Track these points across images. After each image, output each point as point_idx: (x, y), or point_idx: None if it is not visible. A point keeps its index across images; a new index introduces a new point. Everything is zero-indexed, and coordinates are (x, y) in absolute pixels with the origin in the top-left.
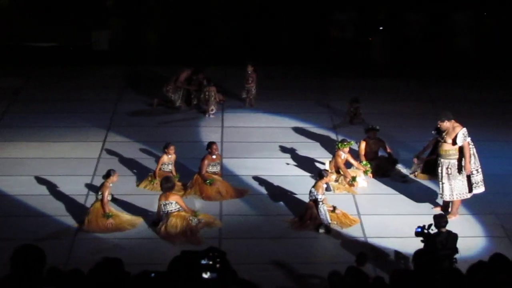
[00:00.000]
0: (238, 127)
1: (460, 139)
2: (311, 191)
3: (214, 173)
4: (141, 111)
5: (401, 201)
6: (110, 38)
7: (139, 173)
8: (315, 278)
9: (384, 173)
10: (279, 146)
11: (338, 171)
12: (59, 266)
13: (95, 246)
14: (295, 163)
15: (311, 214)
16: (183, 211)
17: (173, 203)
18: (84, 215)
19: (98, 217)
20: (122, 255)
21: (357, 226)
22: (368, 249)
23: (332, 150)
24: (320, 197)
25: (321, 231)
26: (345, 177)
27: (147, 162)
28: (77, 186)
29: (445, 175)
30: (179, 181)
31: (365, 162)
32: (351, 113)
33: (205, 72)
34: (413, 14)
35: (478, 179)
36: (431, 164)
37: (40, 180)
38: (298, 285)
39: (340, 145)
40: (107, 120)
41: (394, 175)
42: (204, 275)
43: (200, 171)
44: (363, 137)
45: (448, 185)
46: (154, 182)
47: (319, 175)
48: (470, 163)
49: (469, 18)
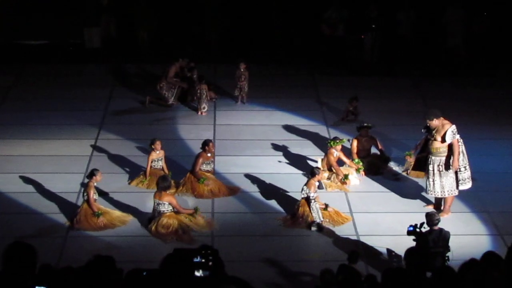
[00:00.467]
0: (230, 124)
1: (449, 136)
2: (303, 189)
3: (208, 171)
4: (133, 109)
5: (393, 199)
6: (102, 35)
7: (131, 171)
8: (307, 276)
9: (376, 171)
10: (271, 143)
11: (330, 169)
12: (51, 264)
13: (87, 244)
14: (287, 161)
15: (303, 212)
16: (175, 212)
17: (166, 204)
18: (74, 215)
19: (87, 216)
20: (114, 253)
21: (349, 224)
22: (360, 247)
23: (324, 148)
24: (312, 195)
25: (313, 229)
26: (338, 175)
27: (139, 160)
28: (69, 184)
29: (436, 172)
30: (171, 178)
31: (357, 160)
32: (349, 111)
33: (197, 69)
34: (404, 12)
35: (466, 176)
36: (422, 162)
37: (32, 178)
38: (290, 283)
39: (332, 143)
40: (99, 118)
41: (387, 173)
42: (196, 273)
43: (193, 168)
44: (355, 135)
45: (439, 182)
46: (144, 181)
47: (311, 173)
48: (458, 160)
49: (460, 16)
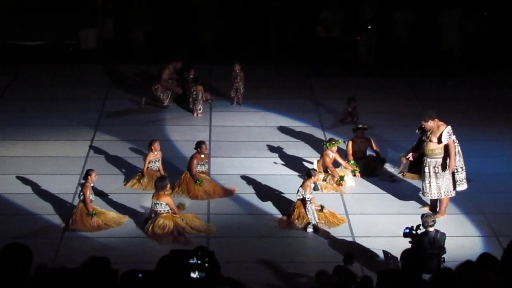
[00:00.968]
0: (226, 126)
1: (445, 137)
2: (299, 190)
3: (203, 172)
4: (129, 110)
5: (389, 200)
6: (98, 36)
7: (127, 171)
8: (302, 277)
9: (372, 172)
10: (266, 145)
11: (326, 171)
12: (47, 264)
13: (82, 245)
14: (283, 162)
15: (299, 213)
16: (172, 213)
17: (163, 204)
18: (69, 216)
19: (82, 216)
20: (110, 254)
21: (345, 225)
22: (356, 249)
23: (320, 149)
24: (308, 196)
25: (309, 230)
26: (333, 176)
27: (134, 161)
28: (64, 184)
29: (432, 174)
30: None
31: (353, 162)
32: (348, 112)
33: (193, 69)
34: (400, 14)
35: (462, 176)
36: (416, 164)
37: (27, 179)
38: (285, 284)
39: (328, 144)
40: (94, 119)
41: (382, 174)
42: (192, 275)
43: (190, 171)
44: (351, 137)
45: (435, 183)
46: (142, 180)
47: (307, 174)
48: (455, 160)
49: (456, 18)
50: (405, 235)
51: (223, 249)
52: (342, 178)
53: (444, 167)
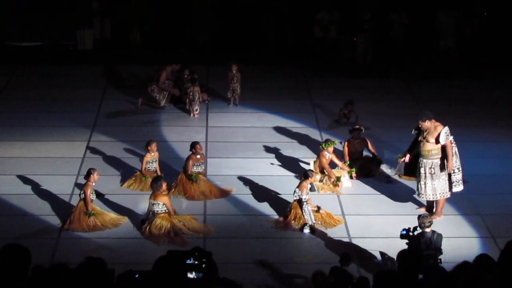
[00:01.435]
0: (222, 127)
1: (443, 137)
2: (295, 191)
3: (199, 173)
4: (126, 111)
5: (385, 201)
6: (95, 37)
7: (123, 172)
8: (299, 278)
9: (368, 173)
10: (263, 146)
11: (322, 171)
12: (44, 265)
13: (79, 245)
14: (279, 163)
15: (296, 214)
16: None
17: (160, 204)
18: (69, 215)
19: (80, 215)
20: (106, 254)
21: (341, 226)
22: (352, 249)
23: (316, 150)
24: (304, 197)
25: (306, 231)
26: (330, 177)
27: (131, 162)
28: (61, 185)
29: (428, 175)
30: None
31: (349, 163)
32: (344, 114)
33: (187, 70)
34: (396, 14)
35: (459, 177)
36: (412, 166)
37: (24, 180)
38: (282, 285)
39: (324, 145)
40: (91, 120)
41: (379, 175)
42: (189, 275)
43: (185, 172)
44: (347, 137)
45: (430, 185)
46: (145, 180)
47: (304, 175)
48: (452, 161)
49: (453, 18)
50: (402, 236)
51: (219, 249)
52: (338, 179)
53: (442, 168)
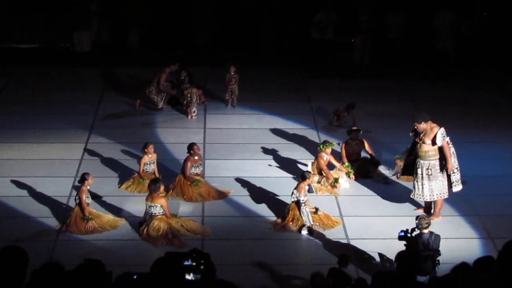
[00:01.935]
0: (220, 128)
1: (440, 139)
2: (293, 193)
3: (197, 174)
4: (123, 113)
5: (383, 202)
6: (92, 39)
7: (121, 174)
8: (297, 279)
9: (366, 174)
10: (261, 147)
11: (320, 173)
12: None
13: (77, 247)
14: (277, 165)
15: (294, 216)
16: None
17: (158, 206)
18: (65, 218)
19: (77, 220)
20: (104, 256)
21: (339, 227)
22: (351, 251)
23: (314, 151)
24: (302, 198)
25: (304, 232)
26: (328, 178)
27: (129, 163)
28: (59, 187)
29: (425, 176)
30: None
31: (347, 164)
32: (343, 116)
33: (188, 71)
34: (394, 16)
35: (458, 177)
36: (410, 166)
37: (22, 182)
38: (280, 286)
39: (322, 146)
40: (89, 122)
41: (376, 176)
42: (187, 277)
43: (184, 173)
44: (346, 139)
45: (428, 186)
46: (143, 181)
47: (302, 176)
48: (451, 162)
49: (450, 19)
50: (400, 238)
51: (217, 251)
52: (336, 180)
53: (440, 169)
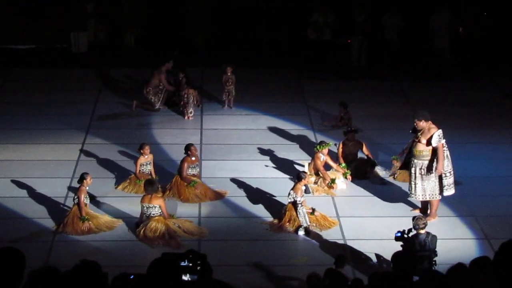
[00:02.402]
0: (216, 129)
1: (435, 140)
2: (290, 193)
3: (194, 175)
4: (120, 113)
5: (380, 203)
6: (89, 40)
7: (118, 175)
8: (294, 280)
9: (363, 175)
10: (258, 148)
11: (317, 173)
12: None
13: (74, 248)
14: (274, 165)
15: (290, 216)
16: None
17: (156, 207)
18: (62, 218)
19: (74, 220)
20: (101, 257)
21: (336, 228)
22: (347, 251)
23: (311, 152)
24: (299, 199)
25: (300, 233)
26: (324, 179)
27: (125, 164)
28: (55, 188)
29: (418, 175)
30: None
31: (344, 165)
32: (341, 117)
33: (186, 72)
34: (390, 16)
35: (450, 181)
36: (407, 162)
37: (18, 183)
38: (277, 287)
39: (318, 147)
40: (85, 122)
41: (373, 177)
42: (184, 277)
43: (181, 174)
44: (342, 139)
45: (420, 185)
46: (140, 182)
47: (298, 177)
48: (443, 165)
49: (447, 20)
50: (397, 239)
51: (214, 252)
52: (333, 181)
53: (429, 169)
